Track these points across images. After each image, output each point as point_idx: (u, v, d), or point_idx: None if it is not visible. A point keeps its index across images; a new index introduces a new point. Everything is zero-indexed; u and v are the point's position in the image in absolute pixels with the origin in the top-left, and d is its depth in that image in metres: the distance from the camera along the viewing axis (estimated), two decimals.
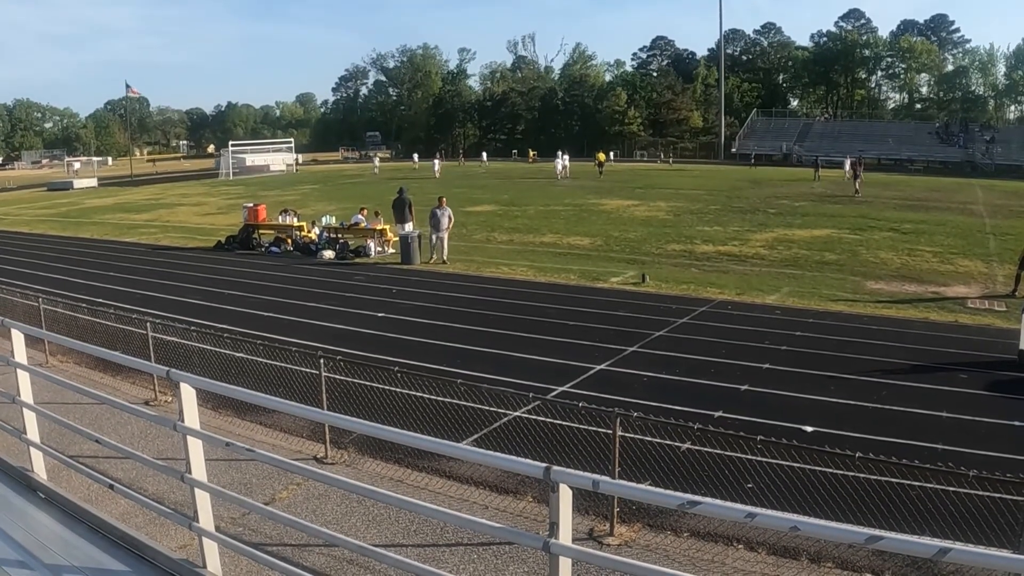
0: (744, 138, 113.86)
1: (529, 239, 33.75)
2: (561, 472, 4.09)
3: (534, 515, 9.00)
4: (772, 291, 22.51)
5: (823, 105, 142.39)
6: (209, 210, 52.69)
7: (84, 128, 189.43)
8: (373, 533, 8.57)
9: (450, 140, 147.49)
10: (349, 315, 20.22)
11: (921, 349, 16.32)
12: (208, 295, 23.28)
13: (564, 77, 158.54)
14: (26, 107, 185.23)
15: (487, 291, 23.06)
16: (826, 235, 32.93)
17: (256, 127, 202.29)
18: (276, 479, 9.99)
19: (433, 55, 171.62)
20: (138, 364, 8.48)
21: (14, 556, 5.77)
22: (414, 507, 5.65)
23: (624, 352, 16.22)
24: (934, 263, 26.74)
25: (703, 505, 3.92)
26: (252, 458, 6.13)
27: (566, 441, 10.68)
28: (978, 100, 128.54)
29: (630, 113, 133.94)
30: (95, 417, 11.97)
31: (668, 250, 30.26)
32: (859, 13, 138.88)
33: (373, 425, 5.50)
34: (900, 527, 7.95)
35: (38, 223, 49.76)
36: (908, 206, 45.04)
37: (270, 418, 12.38)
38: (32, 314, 16.25)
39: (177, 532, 7.74)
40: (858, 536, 3.61)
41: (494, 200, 50.77)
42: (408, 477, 10.19)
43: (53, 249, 36.42)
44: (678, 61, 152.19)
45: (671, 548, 8.34)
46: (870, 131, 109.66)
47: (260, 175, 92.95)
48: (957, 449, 10.72)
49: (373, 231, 31.58)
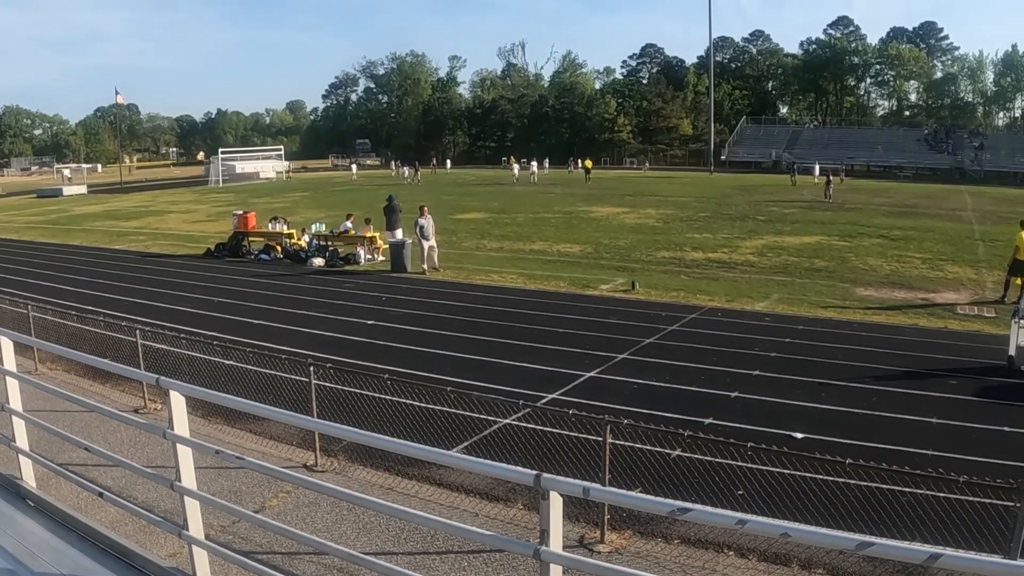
0: (734, 145, 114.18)
1: (519, 246, 33.78)
2: (551, 479, 4.08)
3: (524, 522, 8.99)
4: (762, 298, 22.53)
5: (812, 112, 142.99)
6: (199, 217, 52.61)
7: (74, 135, 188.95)
8: (363, 541, 8.56)
9: (440, 147, 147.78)
10: (339, 322, 20.19)
11: (911, 355, 16.33)
12: (198, 302, 23.22)
13: (554, 85, 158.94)
14: (15, 113, 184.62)
15: (477, 298, 23.06)
16: (816, 242, 33.02)
17: (246, 134, 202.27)
18: (266, 487, 9.97)
19: (423, 62, 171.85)
20: (128, 372, 8.45)
21: (3, 564, 5.74)
22: (404, 515, 5.65)
23: (614, 359, 16.22)
24: (923, 269, 26.82)
25: (693, 512, 3.92)
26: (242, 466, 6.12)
27: (556, 448, 10.68)
28: (967, 107, 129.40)
29: (620, 121, 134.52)
30: (84, 425, 11.94)
31: (658, 257, 30.31)
32: (848, 20, 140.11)
33: (363, 433, 5.49)
34: (890, 533, 7.96)
35: (27, 230, 49.60)
36: (897, 213, 45.21)
37: (260, 426, 12.36)
38: (21, 321, 16.22)
39: (167, 540, 7.73)
40: (848, 542, 3.62)
41: (484, 207, 50.78)
42: (398, 485, 10.18)
43: (42, 256, 36.31)
44: (668, 68, 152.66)
45: (662, 555, 8.34)
46: (859, 138, 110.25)
47: (250, 182, 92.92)
48: (947, 455, 10.75)
49: (363, 238, 31.52)
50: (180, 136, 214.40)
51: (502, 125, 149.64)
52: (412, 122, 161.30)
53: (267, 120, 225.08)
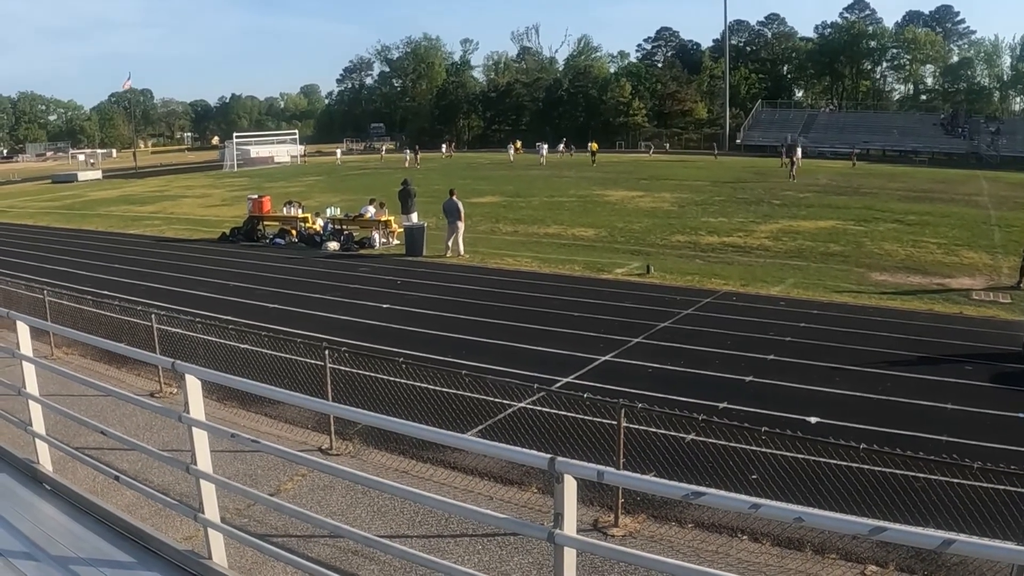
0: (749, 129, 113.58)
1: (534, 230, 33.77)
2: (566, 463, 4.09)
3: (538, 506, 9.01)
4: (777, 282, 22.48)
5: (828, 96, 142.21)
6: (213, 202, 52.73)
7: (88, 120, 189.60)
8: (378, 524, 8.59)
9: (454, 131, 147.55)
10: (354, 306, 20.23)
11: (926, 341, 16.27)
12: (213, 287, 23.31)
13: (569, 68, 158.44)
14: (30, 100, 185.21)
15: (492, 282, 23.08)
16: (831, 226, 32.87)
17: (260, 119, 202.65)
18: (281, 470, 10.01)
19: (437, 46, 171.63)
20: (143, 356, 8.49)
21: (20, 548, 5.78)
22: (419, 498, 5.67)
23: (629, 343, 16.21)
24: (939, 255, 26.71)
25: (707, 496, 3.92)
26: (257, 449, 6.15)
27: (571, 432, 10.67)
28: (983, 92, 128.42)
29: (635, 104, 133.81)
30: (100, 409, 12.01)
31: (673, 241, 30.25)
32: (864, 4, 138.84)
33: (378, 416, 5.50)
34: (904, 519, 7.94)
35: (43, 215, 49.83)
36: (913, 198, 44.94)
37: (275, 409, 12.40)
38: (37, 306, 16.28)
39: (183, 523, 7.76)
40: (862, 527, 3.61)
41: (498, 191, 50.71)
42: (413, 468, 10.21)
43: (58, 241, 36.48)
44: (683, 52, 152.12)
45: (675, 539, 8.35)
46: (875, 122, 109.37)
47: (264, 167, 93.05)
48: (961, 441, 10.72)
49: (378, 222, 31.53)
50: (194, 121, 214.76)
51: (517, 109, 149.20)
52: (426, 106, 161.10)
53: (281, 104, 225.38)
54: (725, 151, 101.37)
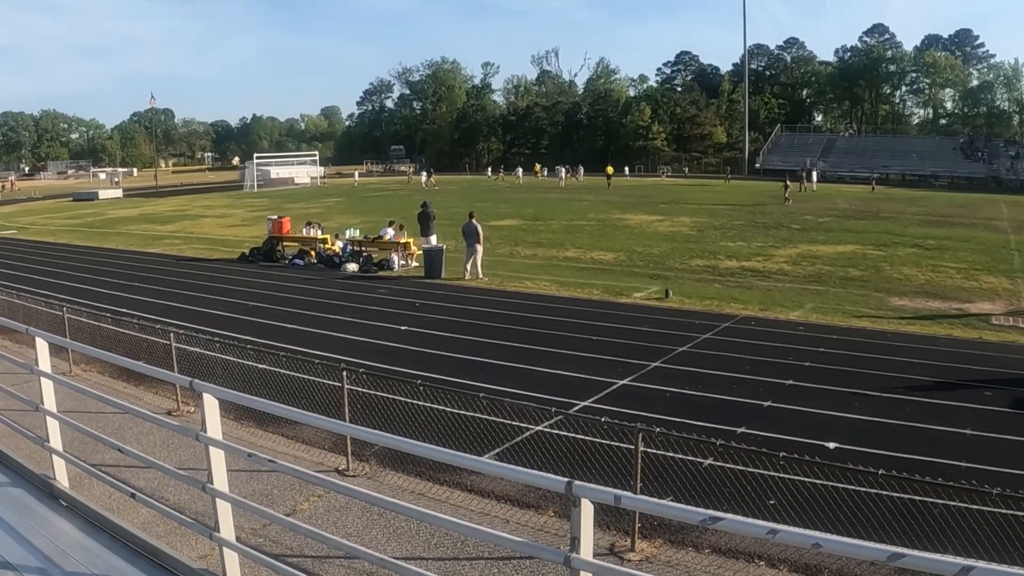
0: (768, 153, 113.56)
1: (553, 253, 33.81)
2: (583, 487, 4.07)
3: (555, 530, 8.97)
4: (796, 307, 22.42)
5: (847, 120, 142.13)
6: (233, 222, 53.03)
7: (110, 139, 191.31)
8: (394, 546, 8.57)
9: (474, 154, 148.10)
10: (372, 328, 20.25)
11: (945, 366, 16.18)
12: (232, 307, 23.38)
13: (588, 92, 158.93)
14: (52, 118, 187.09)
15: (510, 305, 23.06)
16: (850, 251, 32.81)
17: (281, 140, 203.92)
18: (297, 490, 10.01)
19: (457, 69, 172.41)
20: (161, 374, 8.51)
21: (36, 563, 5.80)
22: (435, 520, 5.65)
23: (647, 367, 16.17)
24: (958, 279, 26.59)
25: (725, 521, 3.90)
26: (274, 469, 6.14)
27: (588, 456, 10.65)
28: (1003, 115, 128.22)
29: (654, 128, 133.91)
30: (118, 426, 12.04)
31: (691, 265, 30.23)
32: (883, 28, 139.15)
33: (395, 438, 5.49)
34: (923, 545, 7.87)
35: (63, 233, 50.18)
36: (932, 222, 44.83)
37: (292, 430, 12.41)
38: (56, 323, 16.35)
39: (198, 542, 7.77)
40: (880, 553, 3.59)
41: (518, 215, 50.82)
42: (429, 490, 10.19)
43: (78, 259, 36.74)
44: (702, 76, 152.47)
45: (692, 564, 8.30)
46: (894, 146, 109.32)
47: (284, 188, 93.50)
48: (981, 467, 10.63)
49: (397, 244, 31.64)
50: (215, 141, 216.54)
51: (536, 132, 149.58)
52: (446, 128, 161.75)
53: (302, 126, 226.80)
54: (739, 175, 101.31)
